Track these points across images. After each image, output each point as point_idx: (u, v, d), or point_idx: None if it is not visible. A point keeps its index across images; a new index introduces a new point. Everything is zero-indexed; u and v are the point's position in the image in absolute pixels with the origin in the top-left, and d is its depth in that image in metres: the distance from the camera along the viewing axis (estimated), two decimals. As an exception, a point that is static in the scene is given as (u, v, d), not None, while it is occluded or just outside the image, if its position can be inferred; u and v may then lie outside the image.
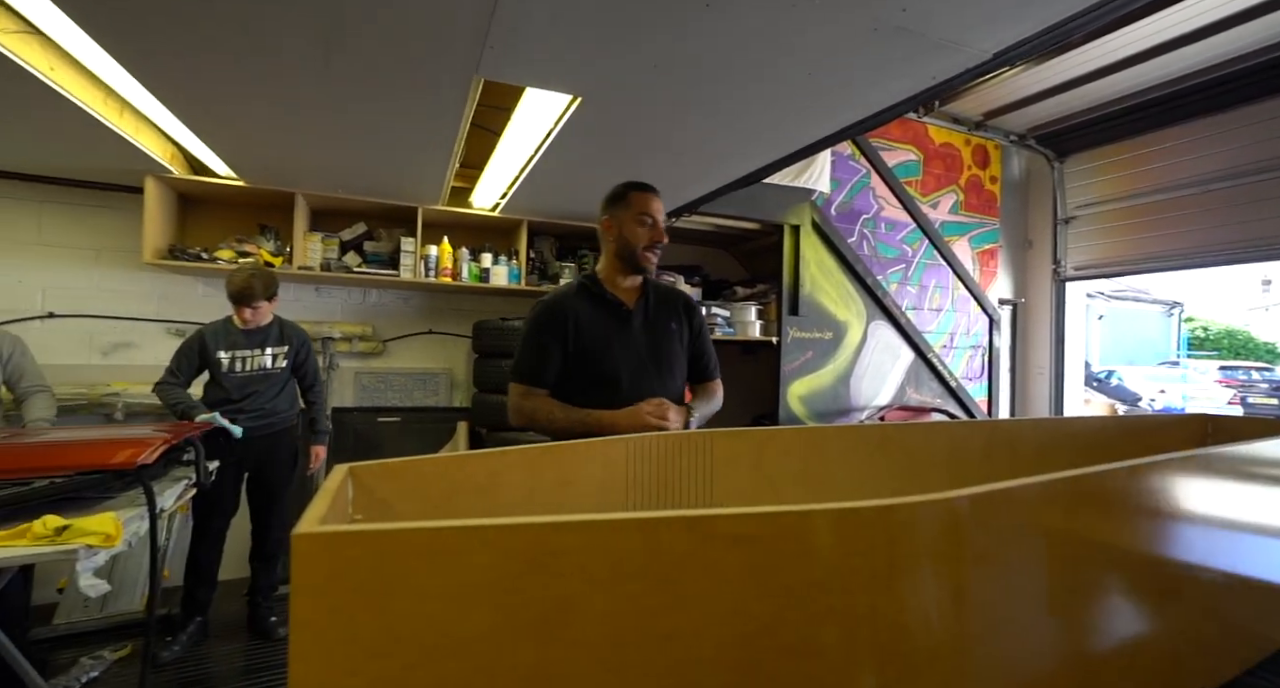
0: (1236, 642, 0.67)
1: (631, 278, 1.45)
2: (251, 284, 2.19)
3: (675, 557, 0.39)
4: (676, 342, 1.45)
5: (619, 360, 1.36)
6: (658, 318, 1.44)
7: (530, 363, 1.37)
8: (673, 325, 1.46)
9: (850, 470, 0.91)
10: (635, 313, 1.42)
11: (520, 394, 1.36)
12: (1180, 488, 0.63)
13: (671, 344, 1.44)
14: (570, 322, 1.36)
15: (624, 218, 1.41)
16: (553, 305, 1.39)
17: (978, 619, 0.47)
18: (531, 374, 1.36)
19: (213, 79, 1.53)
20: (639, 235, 1.40)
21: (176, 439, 1.53)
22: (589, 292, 1.42)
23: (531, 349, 1.37)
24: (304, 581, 0.34)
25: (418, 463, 0.60)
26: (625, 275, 1.44)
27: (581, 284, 1.44)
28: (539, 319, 1.38)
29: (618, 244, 1.42)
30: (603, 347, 1.36)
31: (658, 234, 1.41)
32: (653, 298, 1.47)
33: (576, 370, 1.36)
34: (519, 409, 1.36)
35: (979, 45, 1.26)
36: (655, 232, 1.41)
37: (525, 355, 1.37)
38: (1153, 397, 9.32)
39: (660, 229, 1.42)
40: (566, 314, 1.37)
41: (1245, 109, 3.72)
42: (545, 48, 1.33)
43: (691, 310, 1.51)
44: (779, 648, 0.41)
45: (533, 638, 0.37)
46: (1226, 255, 3.95)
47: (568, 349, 1.35)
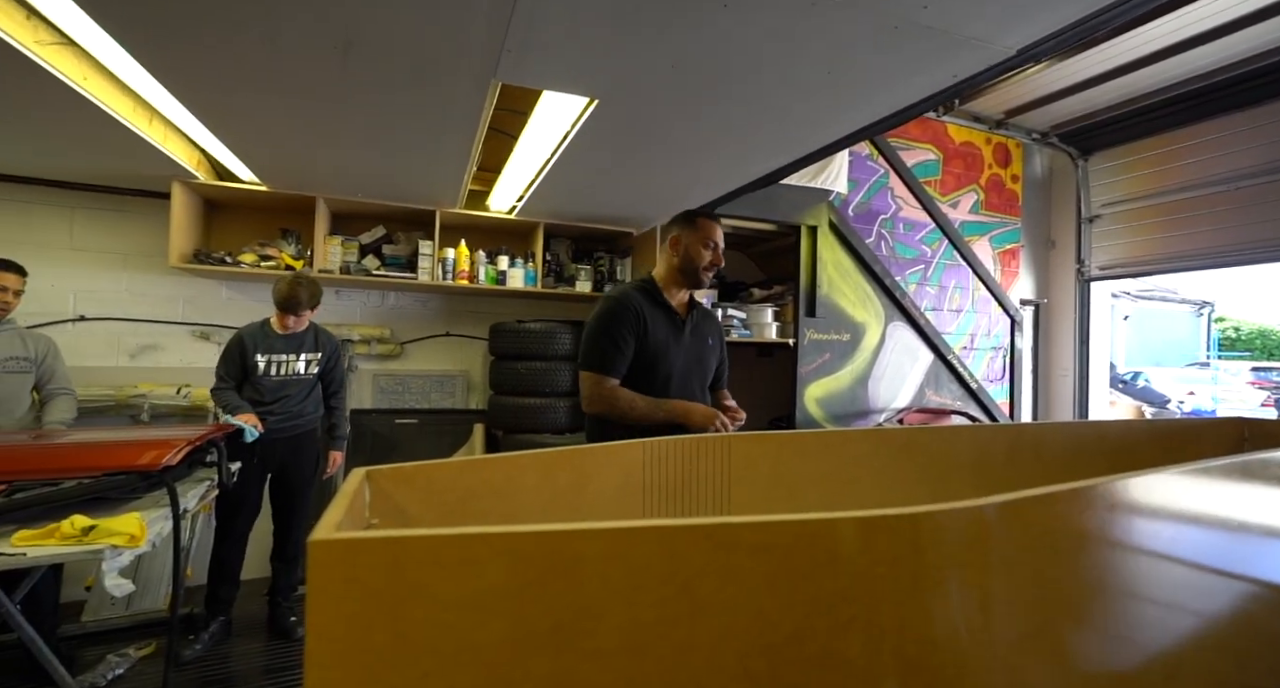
0: (1278, 655, 0.64)
1: (683, 291, 1.65)
2: (298, 293, 2.25)
3: (695, 566, 0.38)
4: (712, 354, 1.66)
5: (673, 362, 1.54)
6: (700, 330, 1.65)
7: (609, 354, 1.49)
8: (710, 341, 1.67)
9: (872, 475, 0.89)
10: (686, 323, 1.62)
11: (597, 382, 1.48)
12: (1220, 495, 0.61)
13: (709, 355, 1.65)
14: (642, 318, 1.52)
15: (692, 239, 1.60)
16: (626, 301, 1.54)
17: (1007, 631, 0.45)
18: (609, 365, 1.49)
19: (237, 86, 1.56)
20: (703, 257, 1.60)
21: (200, 441, 1.55)
22: (650, 295, 1.59)
23: (609, 341, 1.49)
24: (320, 587, 0.34)
25: (434, 467, 0.60)
26: (680, 288, 1.64)
27: (643, 287, 1.61)
28: (616, 312, 1.51)
29: (683, 260, 1.60)
30: (663, 348, 1.53)
31: (718, 258, 1.62)
32: (697, 313, 1.68)
33: (635, 365, 1.50)
34: (598, 396, 1.47)
35: (1002, 42, 1.23)
36: (716, 256, 1.61)
37: (603, 347, 1.49)
38: (1181, 399, 9.07)
39: (720, 254, 1.62)
40: (640, 310, 1.53)
41: (1274, 104, 3.60)
42: (562, 51, 1.33)
43: (722, 331, 1.76)
44: (803, 659, 0.40)
45: (549, 647, 0.36)
46: (1259, 254, 3.83)
47: (636, 344, 1.50)
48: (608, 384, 1.48)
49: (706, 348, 1.65)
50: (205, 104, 1.72)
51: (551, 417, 2.84)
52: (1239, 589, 0.61)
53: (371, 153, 2.14)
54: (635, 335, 1.50)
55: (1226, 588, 0.61)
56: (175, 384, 2.71)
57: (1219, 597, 0.59)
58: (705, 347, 1.64)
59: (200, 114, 1.79)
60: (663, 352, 1.52)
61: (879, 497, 0.90)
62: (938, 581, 0.40)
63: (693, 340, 1.61)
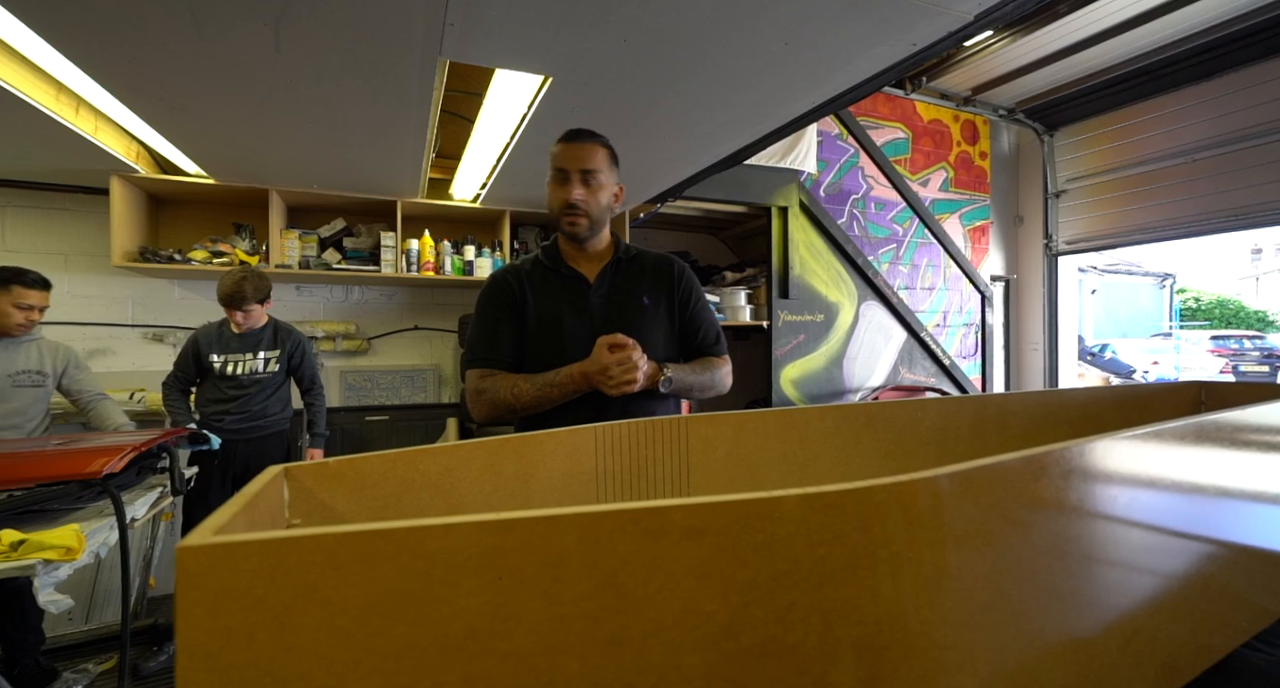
0: (1235, 614, 0.64)
1: (589, 245, 1.21)
2: (241, 287, 2.14)
3: (620, 556, 0.35)
4: (649, 316, 1.21)
5: (569, 338, 1.15)
6: (625, 287, 1.22)
7: (481, 341, 1.16)
8: (645, 300, 1.22)
9: (835, 452, 0.88)
10: (595, 286, 1.20)
11: (477, 377, 1.14)
12: (1175, 457, 0.60)
13: (639, 319, 1.19)
14: (518, 294, 1.18)
15: (549, 175, 1.18)
16: (499, 278, 1.21)
17: (961, 606, 0.43)
18: (485, 353, 1.16)
19: (165, 72, 1.46)
20: (553, 197, 1.16)
21: (146, 446, 1.48)
22: (542, 265, 1.22)
23: (480, 326, 1.18)
24: (191, 599, 0.30)
25: (362, 461, 0.56)
26: (574, 245, 1.21)
27: (536, 257, 1.24)
28: (485, 293, 1.20)
29: (549, 204, 1.20)
30: (552, 322, 1.16)
31: (569, 192, 1.12)
32: (624, 267, 1.24)
33: (531, 346, 1.17)
34: (478, 393, 1.12)
35: (960, 6, 1.21)
36: (568, 190, 1.13)
37: (475, 334, 1.18)
38: (1146, 369, 9.36)
39: (579, 185, 1.13)
40: (512, 286, 1.18)
41: (1231, 76, 3.68)
42: (508, 25, 1.28)
43: (676, 280, 1.27)
44: (740, 651, 0.37)
45: (461, 652, 0.33)
46: (1214, 225, 3.93)
47: (518, 324, 1.17)
48: (488, 377, 1.13)
49: (631, 310, 1.20)
50: (135, 93, 1.62)
51: (525, 408, 2.80)
52: (1194, 549, 0.61)
53: (322, 141, 2.05)
54: (510, 313, 1.16)
55: (1182, 548, 0.61)
56: (128, 389, 2.60)
57: (1175, 557, 0.59)
58: (629, 309, 1.20)
59: (130, 103, 1.69)
60: (552, 327, 1.15)
61: (841, 474, 0.89)
62: (883, 558, 0.38)
63: (608, 307, 1.19)
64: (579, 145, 1.16)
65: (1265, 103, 3.56)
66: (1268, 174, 3.61)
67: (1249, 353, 9.81)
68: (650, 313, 1.22)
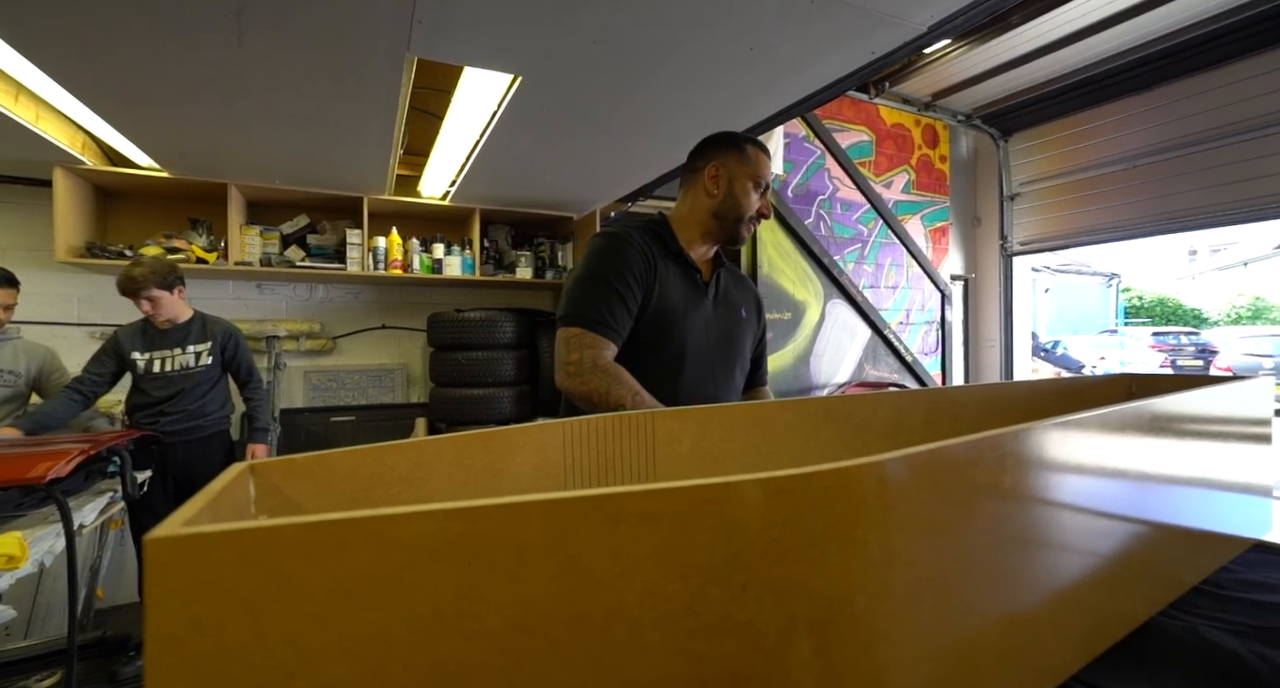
0: (1152, 585, 0.70)
1: (708, 246, 1.19)
2: (133, 274, 2.01)
3: (583, 539, 0.37)
4: (746, 332, 1.21)
5: (689, 334, 1.10)
6: (730, 298, 1.21)
7: (606, 303, 1.03)
8: (744, 313, 1.22)
9: (796, 444, 0.91)
10: (710, 286, 1.17)
11: (586, 344, 1.01)
12: (1100, 442, 0.65)
13: (741, 332, 1.20)
14: (654, 266, 1.08)
15: (739, 173, 1.12)
16: (635, 242, 1.08)
17: (903, 582, 0.46)
18: (606, 321, 1.02)
19: (117, 61, 1.41)
20: (750, 201, 1.13)
21: (97, 449, 1.43)
22: (661, 240, 1.13)
23: (607, 287, 1.03)
24: (161, 589, 0.31)
25: (330, 457, 0.56)
26: (706, 242, 1.18)
27: (652, 228, 1.14)
28: (620, 250, 1.06)
29: (723, 202, 1.13)
30: (678, 313, 1.09)
31: (766, 207, 1.16)
32: (726, 277, 1.23)
33: (637, 333, 1.07)
34: (590, 366, 0.99)
35: (915, 18, 1.26)
36: (765, 204, 1.16)
37: (599, 292, 1.03)
38: (1094, 364, 9.82)
39: (769, 203, 1.17)
40: (650, 257, 1.08)
41: (1168, 87, 3.90)
42: (477, 23, 1.27)
43: (760, 309, 1.30)
44: (699, 628, 0.39)
45: (429, 633, 0.35)
46: (1153, 227, 4.16)
47: (645, 298, 1.07)
48: (602, 354, 1.01)
49: (739, 322, 1.19)
50: (83, 83, 1.55)
51: (496, 407, 2.79)
52: (1117, 527, 0.66)
53: (285, 137, 2.00)
54: (643, 285, 1.06)
55: (1106, 527, 0.66)
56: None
57: (1099, 535, 0.64)
58: (737, 321, 1.19)
59: (78, 93, 1.62)
60: (677, 318, 1.08)
61: (803, 464, 0.92)
62: (832, 538, 0.41)
63: (719, 310, 1.17)
64: (771, 161, 1.18)
65: (1199, 113, 3.79)
66: (1201, 180, 3.84)
67: (1185, 348, 10.41)
68: (746, 325, 1.23)
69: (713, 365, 1.14)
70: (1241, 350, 8.99)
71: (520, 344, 2.89)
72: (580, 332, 1.02)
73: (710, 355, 1.14)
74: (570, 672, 0.36)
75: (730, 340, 1.17)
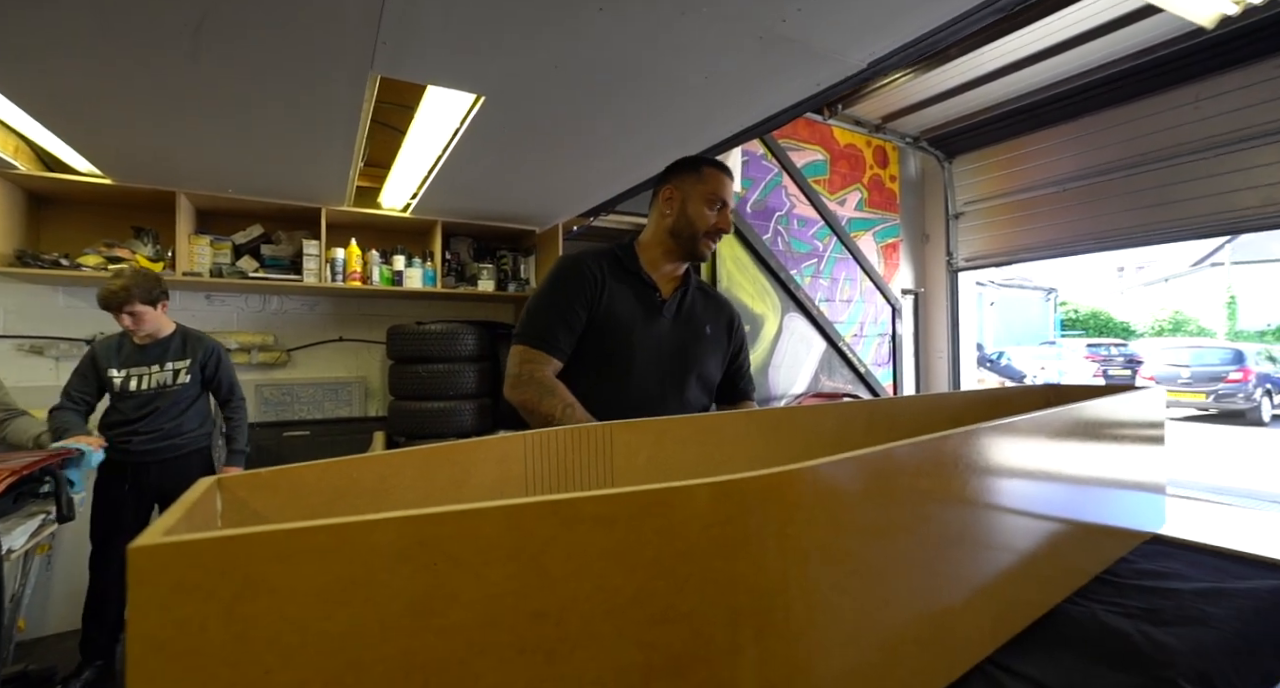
0: (1058, 575, 0.78)
1: (674, 265, 1.26)
2: (113, 288, 1.94)
3: (541, 540, 0.41)
4: (708, 351, 1.26)
5: (637, 348, 1.17)
6: (693, 317, 1.26)
7: (550, 323, 1.14)
8: (708, 330, 1.27)
9: (748, 454, 0.97)
10: (669, 304, 1.24)
11: (526, 360, 1.13)
12: (1012, 445, 0.72)
13: (700, 350, 1.24)
14: (601, 287, 1.17)
15: (693, 193, 1.20)
16: (582, 264, 1.18)
17: (830, 573, 0.52)
18: (549, 339, 1.13)
19: (60, 68, 1.38)
20: (705, 218, 1.20)
21: (27, 471, 1.37)
22: (621, 264, 1.22)
23: (553, 309, 1.15)
24: (143, 596, 0.33)
25: (295, 471, 0.58)
26: (669, 260, 1.25)
27: (614, 253, 1.24)
28: (567, 274, 1.17)
29: (676, 220, 1.21)
30: (624, 327, 1.17)
31: (725, 222, 1.22)
32: (693, 297, 1.29)
33: (584, 347, 1.17)
34: (525, 379, 1.10)
35: (854, 56, 1.37)
36: (724, 219, 1.22)
37: (545, 313, 1.15)
38: (1035, 373, 10.39)
39: (729, 218, 1.24)
40: (596, 276, 1.17)
41: (1092, 117, 4.23)
42: (442, 45, 1.31)
43: (733, 327, 1.36)
44: (645, 618, 0.44)
45: (401, 629, 0.38)
46: (1082, 246, 4.49)
47: (592, 317, 1.16)
48: (542, 368, 1.12)
49: (699, 339, 1.25)
50: (20, 88, 1.51)
51: (457, 420, 2.77)
52: (1024, 522, 0.73)
53: (240, 146, 1.97)
54: (588, 305, 1.15)
55: (1015, 522, 0.73)
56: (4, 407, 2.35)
57: (1008, 530, 0.70)
58: (698, 338, 1.25)
59: (14, 97, 1.57)
60: (624, 332, 1.16)
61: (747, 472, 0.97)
62: (767, 535, 0.46)
63: (675, 327, 1.23)
64: (732, 182, 1.25)
65: (1120, 142, 4.12)
66: (1123, 204, 4.17)
67: (1115, 359, 11.15)
68: (710, 342, 1.28)
69: (662, 378, 1.20)
70: (1164, 361, 9.69)
71: (482, 357, 2.88)
72: (524, 348, 1.15)
73: (661, 368, 1.20)
74: (531, 661, 0.39)
75: (685, 355, 1.23)
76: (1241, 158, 3.57)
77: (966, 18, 1.19)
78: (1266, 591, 0.87)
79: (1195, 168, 3.77)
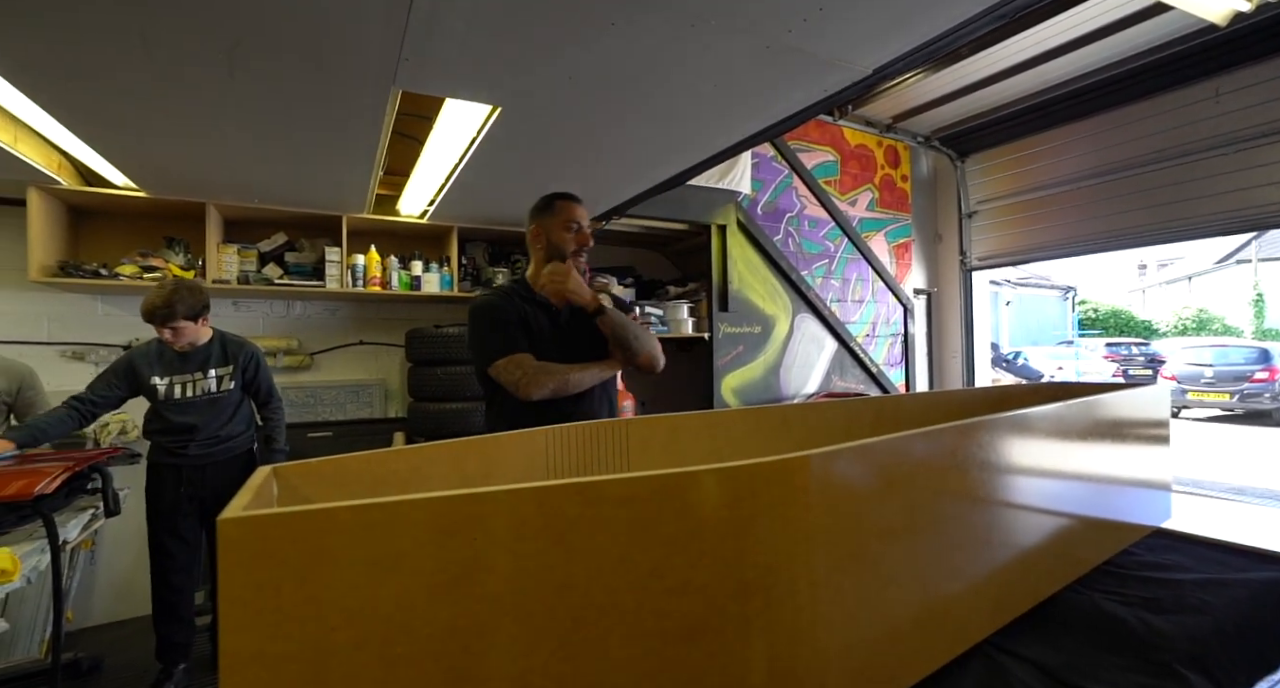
0: (1059, 564, 0.81)
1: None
2: (158, 303, 1.94)
3: (568, 519, 0.46)
4: (587, 336, 1.55)
5: (552, 354, 1.47)
6: (578, 314, 1.54)
7: (506, 340, 1.43)
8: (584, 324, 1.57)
9: (756, 447, 1.01)
10: (562, 314, 1.54)
11: (517, 363, 1.40)
12: (1011, 438, 0.76)
13: (592, 330, 1.53)
14: (520, 311, 1.47)
15: (551, 225, 1.51)
16: (505, 299, 1.49)
17: (831, 553, 0.56)
18: (513, 344, 1.43)
19: (103, 88, 1.46)
20: (567, 241, 1.50)
21: (80, 467, 1.45)
22: (520, 295, 1.52)
23: (500, 330, 1.44)
24: (231, 560, 0.38)
25: (342, 460, 0.63)
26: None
27: (514, 289, 1.54)
28: (496, 308, 1.47)
29: (547, 250, 1.51)
30: (545, 337, 1.49)
31: (584, 238, 1.52)
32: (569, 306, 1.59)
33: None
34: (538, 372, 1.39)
35: (860, 63, 1.40)
36: (581, 236, 1.52)
37: (497, 335, 1.43)
38: (1053, 373, 10.25)
39: (586, 234, 1.53)
40: (516, 306, 1.48)
41: (1105, 115, 4.20)
42: (461, 61, 1.37)
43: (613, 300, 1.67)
44: (663, 589, 0.48)
45: (446, 596, 0.43)
46: (1096, 244, 4.45)
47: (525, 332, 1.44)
48: (530, 361, 1.40)
49: (583, 331, 1.55)
50: (67, 108, 1.59)
51: (474, 420, 2.83)
52: (1026, 514, 0.76)
53: (267, 161, 2.06)
54: (520, 324, 1.46)
55: (1016, 514, 0.76)
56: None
57: (1009, 520, 0.74)
58: (581, 331, 1.55)
59: (60, 116, 1.66)
60: (545, 340, 1.49)
61: (759, 465, 1.01)
62: (769, 517, 0.50)
63: (571, 328, 1.53)
64: (581, 205, 1.54)
65: (1134, 139, 4.08)
66: (1138, 201, 4.13)
67: (1136, 358, 10.95)
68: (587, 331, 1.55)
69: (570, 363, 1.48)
70: (1185, 360, 9.51)
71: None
72: (504, 361, 1.41)
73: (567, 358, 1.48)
74: (559, 625, 0.44)
75: (584, 344, 1.53)
76: (1263, 153, 3.52)
77: (969, 25, 1.22)
78: (1262, 581, 0.89)
79: (1214, 164, 3.73)
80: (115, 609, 2.60)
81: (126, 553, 2.60)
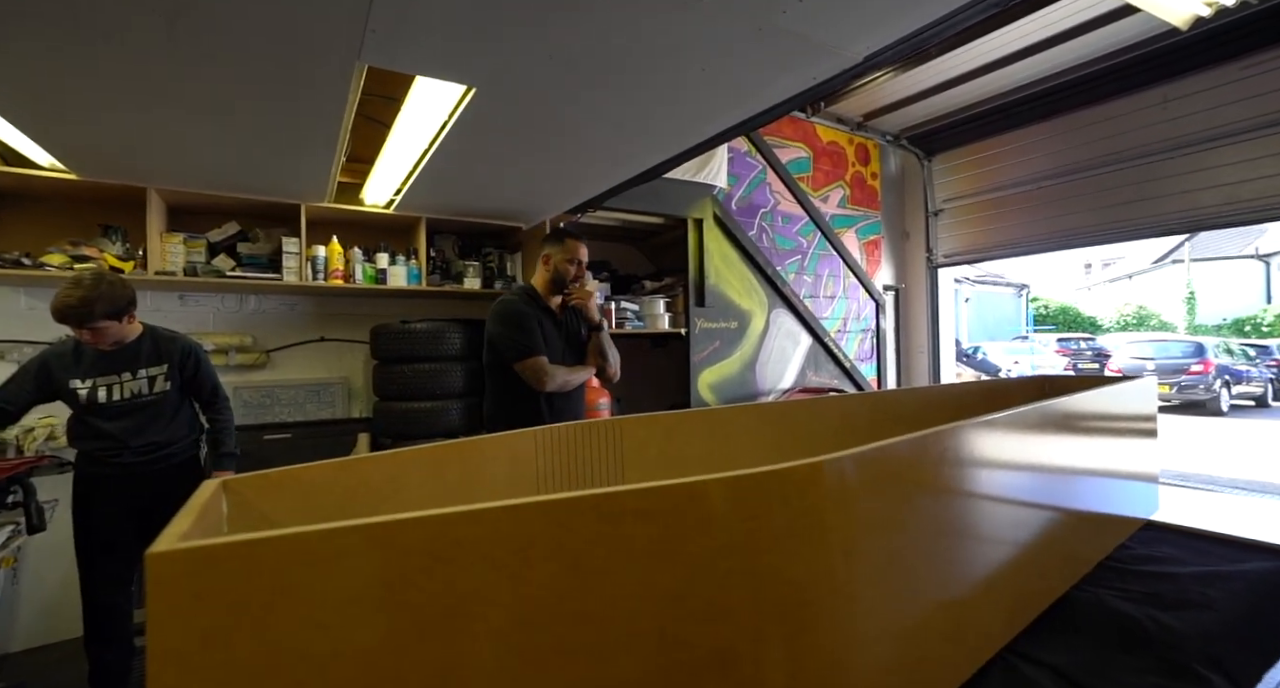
0: (1067, 563, 0.78)
1: (555, 297, 2.10)
2: (71, 301, 1.67)
3: (584, 539, 0.39)
4: (582, 339, 2.15)
5: (556, 354, 1.99)
6: (572, 323, 2.12)
7: (535, 338, 1.92)
8: (581, 327, 2.16)
9: (755, 446, 0.96)
10: (562, 321, 2.07)
11: (539, 363, 1.89)
12: (1021, 437, 0.73)
13: (578, 339, 2.14)
14: (537, 319, 1.97)
15: (559, 257, 2.03)
16: (525, 306, 1.98)
17: (864, 567, 0.51)
18: (536, 346, 1.91)
19: (19, 54, 1.31)
20: (568, 271, 2.05)
21: None
22: (534, 302, 2.03)
23: (527, 330, 1.92)
24: (165, 605, 0.31)
25: (305, 471, 0.55)
26: (551, 295, 2.08)
27: (529, 295, 2.04)
28: (522, 310, 1.96)
29: (553, 274, 2.04)
30: (552, 339, 2.00)
31: (580, 272, 2.07)
32: (569, 313, 2.14)
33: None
34: (556, 374, 1.92)
35: (852, 48, 1.37)
36: (579, 270, 2.06)
37: (528, 333, 1.91)
38: (1009, 367, 10.64)
39: (583, 268, 2.08)
40: (535, 313, 1.98)
41: (1065, 118, 4.33)
42: (433, 34, 1.27)
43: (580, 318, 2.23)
44: (688, 616, 0.42)
45: (437, 635, 0.36)
46: (1053, 243, 4.61)
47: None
48: (546, 363, 1.90)
49: (578, 335, 2.14)
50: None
51: (445, 420, 2.72)
52: (1037, 515, 0.73)
53: (217, 140, 1.90)
54: (541, 327, 1.94)
55: (1029, 515, 0.73)
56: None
57: (1024, 523, 0.71)
58: (578, 335, 2.13)
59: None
60: (552, 340, 1.98)
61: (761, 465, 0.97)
62: (803, 526, 0.45)
63: (570, 333, 2.09)
64: (585, 245, 2.08)
65: (1091, 142, 4.22)
66: (1092, 202, 4.28)
67: (1084, 352, 11.48)
68: (578, 334, 2.15)
69: (567, 361, 2.05)
70: (1129, 354, 10.02)
71: (469, 355, 2.83)
72: (534, 360, 1.91)
73: (568, 359, 2.06)
74: (573, 664, 0.37)
75: (578, 347, 2.12)
76: (1205, 157, 3.69)
77: (964, 10, 1.20)
78: (1256, 573, 0.89)
79: (1162, 167, 3.89)
80: (41, 632, 2.38)
81: (55, 569, 2.37)
